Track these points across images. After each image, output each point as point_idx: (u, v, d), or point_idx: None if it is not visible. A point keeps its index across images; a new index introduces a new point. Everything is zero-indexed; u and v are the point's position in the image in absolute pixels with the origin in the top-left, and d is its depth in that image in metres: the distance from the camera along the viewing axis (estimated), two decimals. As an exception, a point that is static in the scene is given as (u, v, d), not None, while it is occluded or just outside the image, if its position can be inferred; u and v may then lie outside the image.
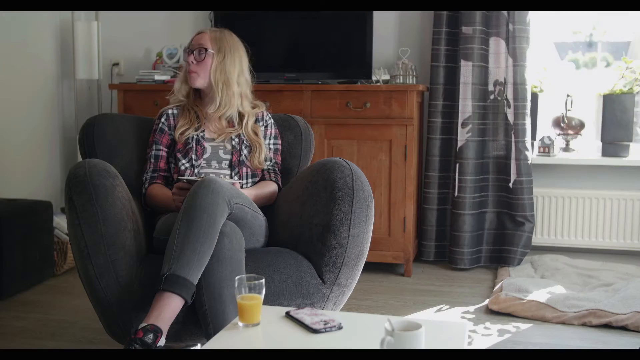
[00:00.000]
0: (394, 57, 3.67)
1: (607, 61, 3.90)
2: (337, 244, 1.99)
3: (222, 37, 2.34)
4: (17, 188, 3.53)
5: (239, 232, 1.94)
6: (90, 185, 1.85)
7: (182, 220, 1.84)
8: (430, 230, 3.55)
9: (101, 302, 1.88)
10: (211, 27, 2.41)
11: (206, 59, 2.29)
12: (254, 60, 2.40)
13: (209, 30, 2.35)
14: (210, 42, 2.31)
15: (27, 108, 3.68)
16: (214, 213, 1.84)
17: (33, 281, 3.10)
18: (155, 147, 2.31)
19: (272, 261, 2.00)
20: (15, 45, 3.57)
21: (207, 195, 1.86)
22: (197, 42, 2.31)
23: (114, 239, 1.86)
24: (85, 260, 1.85)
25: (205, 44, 2.30)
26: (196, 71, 2.30)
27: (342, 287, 2.03)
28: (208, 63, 2.30)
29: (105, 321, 1.93)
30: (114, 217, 1.86)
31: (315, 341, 1.47)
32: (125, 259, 1.88)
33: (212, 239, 1.82)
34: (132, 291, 1.87)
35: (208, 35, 2.32)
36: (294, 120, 2.52)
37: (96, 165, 1.90)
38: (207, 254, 1.80)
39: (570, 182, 3.69)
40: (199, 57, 2.29)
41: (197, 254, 1.78)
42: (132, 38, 4.02)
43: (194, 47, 2.31)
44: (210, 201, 1.85)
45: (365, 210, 2.02)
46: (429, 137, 3.52)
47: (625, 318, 2.56)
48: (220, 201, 1.87)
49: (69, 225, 1.90)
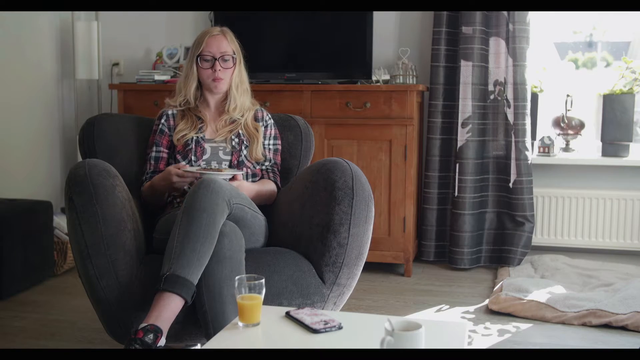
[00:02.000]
0: (394, 57, 3.67)
1: (607, 61, 3.90)
2: (337, 244, 1.99)
3: (232, 36, 2.33)
4: (17, 188, 3.53)
5: (239, 232, 1.94)
6: (91, 185, 1.85)
7: (181, 220, 1.84)
8: (430, 230, 3.55)
9: (101, 302, 1.88)
10: (218, 28, 2.34)
11: (231, 64, 2.30)
12: (250, 60, 2.40)
13: (220, 31, 2.32)
14: (231, 45, 2.30)
15: (27, 108, 3.68)
16: (213, 213, 1.84)
17: (33, 281, 3.10)
18: (156, 148, 2.31)
19: (272, 261, 2.00)
20: (15, 45, 3.57)
21: (206, 195, 1.86)
22: (219, 49, 2.27)
23: (114, 239, 1.85)
24: (85, 261, 1.85)
25: (228, 50, 2.29)
26: (223, 78, 2.29)
27: (342, 287, 2.03)
28: (232, 67, 2.30)
29: (105, 321, 1.93)
30: (114, 217, 1.86)
31: (315, 341, 1.47)
32: (125, 259, 1.88)
33: (212, 238, 1.82)
34: (132, 291, 1.87)
35: (224, 38, 2.30)
36: (293, 120, 2.52)
37: (96, 165, 1.90)
38: (207, 254, 1.80)
39: (570, 182, 3.69)
40: (225, 64, 2.28)
41: (197, 253, 1.78)
42: (132, 38, 4.02)
43: (215, 54, 2.27)
44: (210, 201, 1.85)
45: (365, 210, 2.02)
46: (429, 137, 3.52)
47: (625, 318, 2.56)
48: (219, 201, 1.87)
49: (69, 226, 1.90)
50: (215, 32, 2.30)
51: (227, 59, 2.28)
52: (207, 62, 2.28)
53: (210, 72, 2.28)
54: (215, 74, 2.26)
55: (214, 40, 2.28)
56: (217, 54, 2.27)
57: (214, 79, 2.28)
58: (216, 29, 2.34)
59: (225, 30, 2.34)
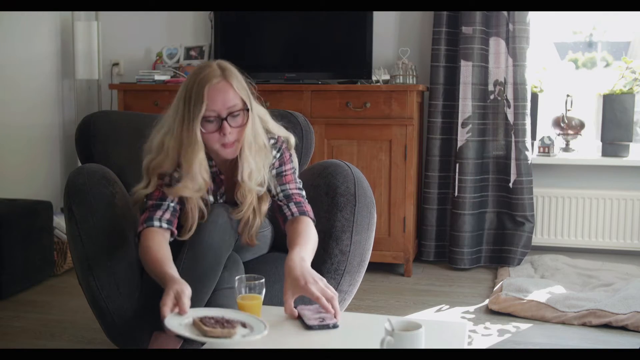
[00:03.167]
0: (394, 57, 3.67)
1: (607, 61, 3.90)
2: (339, 252, 1.97)
3: (237, 77, 1.75)
4: (17, 188, 3.53)
5: (239, 263, 1.86)
6: (90, 195, 1.81)
7: (186, 256, 1.73)
8: (430, 230, 3.55)
9: (102, 312, 1.85)
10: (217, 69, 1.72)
11: (242, 119, 1.74)
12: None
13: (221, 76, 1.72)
14: (239, 94, 1.73)
15: (28, 108, 3.68)
16: (219, 250, 1.73)
17: (33, 281, 3.10)
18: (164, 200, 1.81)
19: (272, 270, 1.96)
20: (15, 45, 3.57)
21: (214, 232, 1.73)
22: (225, 105, 1.70)
23: (115, 249, 1.83)
24: (86, 272, 1.82)
25: (237, 103, 1.72)
26: (236, 139, 1.74)
27: (343, 293, 2.01)
28: (243, 124, 1.74)
29: (106, 329, 1.90)
30: (114, 228, 1.83)
31: (315, 341, 1.47)
32: (126, 269, 1.85)
33: (215, 277, 1.74)
34: (133, 301, 1.84)
35: (230, 86, 1.72)
36: (293, 117, 2.48)
37: (95, 173, 1.87)
38: (209, 293, 1.74)
39: (570, 182, 3.69)
40: (235, 122, 1.73)
41: (198, 294, 1.67)
42: (132, 38, 4.02)
43: (221, 112, 1.70)
44: (218, 238, 1.73)
45: (367, 217, 2.00)
46: (429, 137, 3.52)
47: (625, 318, 2.56)
48: (227, 237, 1.75)
49: (68, 237, 1.87)
50: (216, 80, 1.70)
51: (237, 114, 1.73)
52: (210, 123, 1.71)
53: (218, 136, 1.72)
54: (225, 138, 1.72)
55: (218, 93, 1.69)
56: (224, 111, 1.70)
57: (223, 144, 1.73)
58: (216, 71, 1.72)
59: (227, 73, 1.73)
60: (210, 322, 1.42)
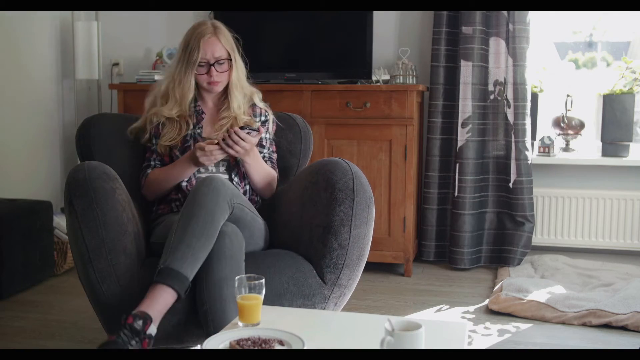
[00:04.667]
0: (394, 57, 3.67)
1: (607, 61, 3.90)
2: (338, 245, 1.99)
3: (225, 34, 2.22)
4: (17, 188, 3.53)
5: (240, 234, 1.94)
6: (91, 189, 1.84)
7: (181, 216, 1.86)
8: (430, 230, 3.55)
9: (102, 305, 1.87)
10: (209, 26, 2.20)
11: (226, 66, 2.21)
12: (250, 60, 2.36)
13: (212, 32, 2.19)
14: (226, 47, 2.20)
15: (27, 108, 3.68)
16: (212, 211, 1.85)
17: (33, 281, 3.10)
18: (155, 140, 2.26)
19: (272, 263, 2.00)
20: (15, 45, 3.57)
21: (207, 194, 1.87)
22: (213, 55, 2.17)
23: (115, 243, 1.85)
24: (86, 265, 1.84)
25: (223, 54, 2.19)
26: (220, 81, 2.21)
27: (343, 287, 2.03)
28: (228, 70, 2.22)
29: (105, 323, 1.92)
30: (114, 220, 1.86)
31: (315, 341, 1.47)
32: (126, 263, 1.87)
33: (208, 236, 1.82)
34: (132, 294, 1.86)
35: (218, 40, 2.19)
36: (292, 119, 2.51)
37: (96, 168, 1.90)
38: (203, 251, 1.81)
39: (570, 182, 3.69)
40: (221, 68, 2.20)
41: (192, 249, 1.79)
42: (132, 38, 4.02)
43: (209, 59, 2.17)
44: (210, 199, 1.86)
45: (366, 211, 2.02)
46: (429, 137, 3.52)
47: (625, 318, 2.56)
48: (220, 200, 1.88)
49: (69, 230, 1.89)
50: (207, 34, 2.18)
51: (223, 62, 2.20)
52: (201, 67, 2.19)
53: (206, 77, 2.20)
54: (212, 78, 2.19)
55: (208, 45, 2.17)
56: (212, 59, 2.18)
57: (209, 82, 2.20)
58: (208, 28, 2.20)
59: (217, 30, 2.21)
60: (247, 344, 1.40)
